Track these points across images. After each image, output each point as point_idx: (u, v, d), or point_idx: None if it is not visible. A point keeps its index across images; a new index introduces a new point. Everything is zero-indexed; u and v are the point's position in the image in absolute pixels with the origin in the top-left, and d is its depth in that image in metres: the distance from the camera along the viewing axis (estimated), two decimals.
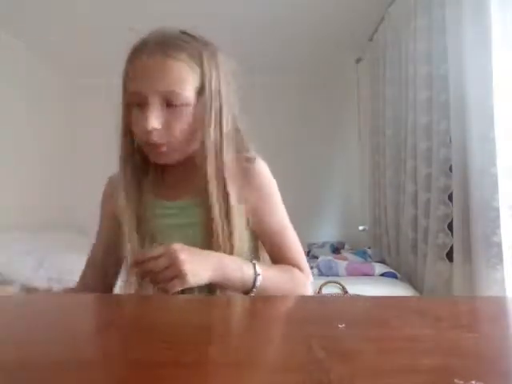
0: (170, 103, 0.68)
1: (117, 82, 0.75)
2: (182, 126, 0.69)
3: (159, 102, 0.67)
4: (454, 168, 1.52)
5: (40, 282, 1.99)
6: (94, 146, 3.33)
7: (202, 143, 0.71)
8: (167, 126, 0.68)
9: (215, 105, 0.71)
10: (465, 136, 1.43)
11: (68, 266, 2.02)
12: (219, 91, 0.72)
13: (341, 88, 3.41)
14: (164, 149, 0.70)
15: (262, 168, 0.79)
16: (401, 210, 2.13)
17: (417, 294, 1.75)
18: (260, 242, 0.83)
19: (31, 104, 2.96)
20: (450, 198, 1.58)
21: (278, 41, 2.86)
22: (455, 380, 0.25)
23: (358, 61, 2.99)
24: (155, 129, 0.67)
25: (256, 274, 0.69)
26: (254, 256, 0.80)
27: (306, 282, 0.77)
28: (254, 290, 0.68)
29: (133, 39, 0.74)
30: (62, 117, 3.38)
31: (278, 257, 0.79)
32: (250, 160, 0.78)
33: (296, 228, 0.85)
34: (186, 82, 0.68)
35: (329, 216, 3.47)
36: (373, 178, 2.68)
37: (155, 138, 0.68)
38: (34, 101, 2.99)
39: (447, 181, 1.61)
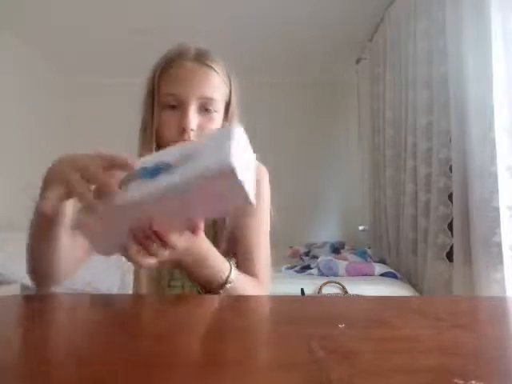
0: (205, 108, 0.75)
1: (117, 82, 0.76)
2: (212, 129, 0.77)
3: (196, 106, 0.74)
4: (454, 168, 1.52)
5: None
6: (94, 146, 3.33)
7: None
8: (200, 129, 0.75)
9: (235, 119, 0.81)
10: (465, 136, 1.43)
11: None
12: (236, 109, 0.82)
13: (341, 88, 3.42)
14: None
15: (265, 175, 0.82)
16: (401, 209, 2.13)
17: (417, 294, 1.75)
18: None
19: (31, 104, 2.96)
20: (450, 198, 1.58)
21: (277, 41, 2.86)
22: (455, 380, 0.25)
23: (358, 61, 2.99)
24: (192, 129, 0.73)
25: (231, 269, 0.66)
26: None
27: (264, 293, 0.77)
28: (227, 285, 0.65)
29: (133, 39, 0.75)
30: (62, 116, 3.38)
31: (243, 257, 0.78)
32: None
33: (296, 228, 0.86)
34: (220, 92, 0.77)
35: (329, 216, 3.47)
36: (373, 178, 2.68)
37: (192, 137, 0.73)
38: (34, 100, 2.99)
39: (447, 181, 1.61)
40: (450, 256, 1.60)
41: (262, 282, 0.78)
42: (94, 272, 2.03)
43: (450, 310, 0.49)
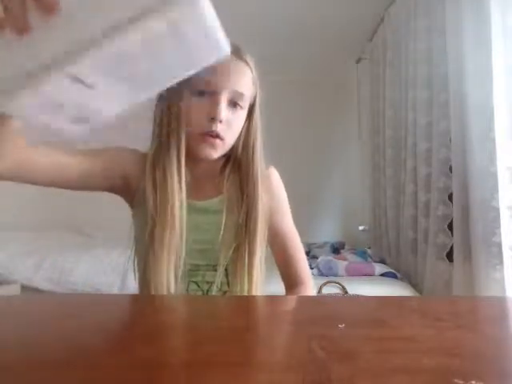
0: (234, 103, 0.73)
1: None
2: (237, 126, 0.76)
3: (227, 98, 0.72)
4: (453, 168, 1.52)
5: (40, 282, 1.99)
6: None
7: (240, 148, 0.79)
8: (227, 122, 0.73)
9: (260, 117, 0.81)
10: (465, 136, 1.43)
11: (68, 265, 2.02)
12: (259, 115, 0.81)
13: (341, 88, 3.41)
14: (218, 141, 0.73)
15: (277, 175, 0.86)
16: (401, 210, 2.13)
17: (417, 294, 1.75)
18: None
19: None
20: (450, 198, 1.58)
21: (277, 41, 2.86)
22: (455, 380, 0.25)
23: (358, 61, 2.99)
24: (221, 120, 0.71)
25: None
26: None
27: (312, 292, 0.84)
28: None
29: None
30: None
31: (285, 263, 0.85)
32: (266, 167, 0.84)
33: (296, 228, 0.88)
34: (250, 90, 0.76)
35: (329, 216, 3.47)
36: (373, 178, 2.68)
37: (219, 128, 0.71)
38: None
39: (447, 181, 1.61)
40: (450, 256, 1.59)
41: (304, 282, 0.84)
42: (94, 272, 2.04)
43: (450, 310, 0.49)
